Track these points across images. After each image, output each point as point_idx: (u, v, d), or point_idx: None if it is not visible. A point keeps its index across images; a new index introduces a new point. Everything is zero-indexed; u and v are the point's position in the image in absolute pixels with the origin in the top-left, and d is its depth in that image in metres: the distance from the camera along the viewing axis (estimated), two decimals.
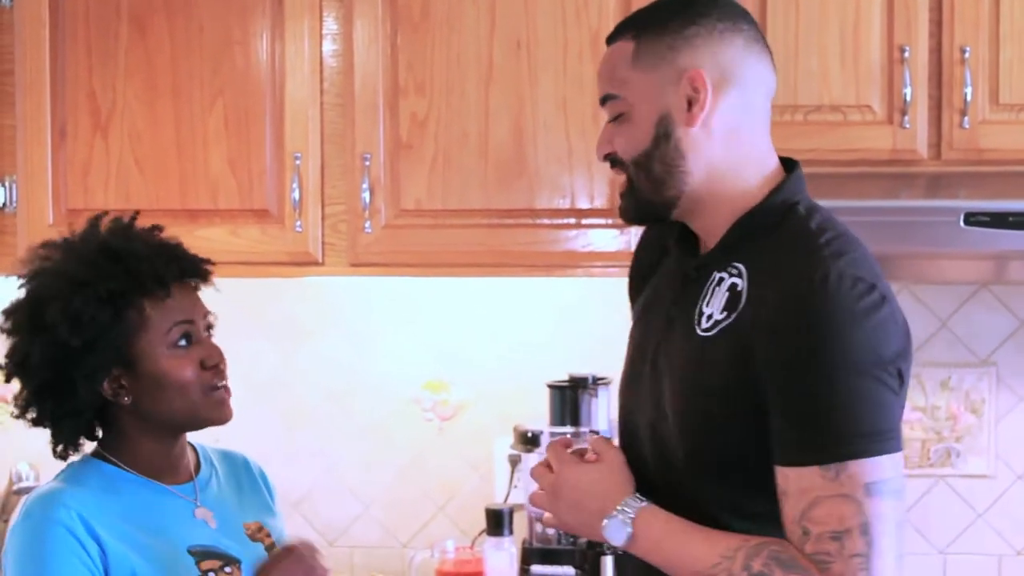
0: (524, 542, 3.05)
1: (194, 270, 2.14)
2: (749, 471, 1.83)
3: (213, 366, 2.09)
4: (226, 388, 2.11)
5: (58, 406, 2.06)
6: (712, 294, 1.89)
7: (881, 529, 1.73)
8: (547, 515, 2.01)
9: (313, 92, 2.96)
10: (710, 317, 1.87)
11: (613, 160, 1.97)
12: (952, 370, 3.26)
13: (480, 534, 3.16)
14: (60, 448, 2.11)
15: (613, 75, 1.95)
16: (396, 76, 2.94)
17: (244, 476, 2.31)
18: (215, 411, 2.10)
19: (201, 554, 2.07)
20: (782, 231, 1.88)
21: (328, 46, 2.97)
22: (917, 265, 2.86)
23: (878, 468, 1.74)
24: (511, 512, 3.06)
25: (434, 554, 3.13)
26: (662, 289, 2.04)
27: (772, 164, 1.94)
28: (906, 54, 2.81)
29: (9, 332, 2.10)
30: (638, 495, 1.91)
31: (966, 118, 2.81)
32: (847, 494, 1.73)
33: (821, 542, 1.74)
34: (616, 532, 1.89)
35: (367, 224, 2.94)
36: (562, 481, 1.96)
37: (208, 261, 2.17)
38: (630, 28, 1.94)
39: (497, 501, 3.22)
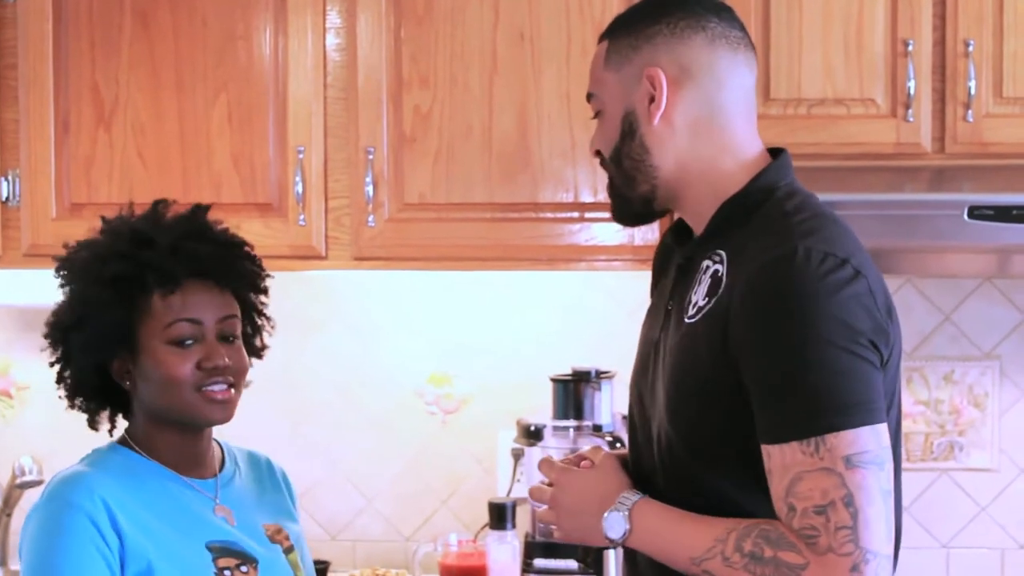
0: (527, 536, 3.05)
1: (214, 271, 2.09)
2: (744, 453, 1.83)
3: (210, 368, 2.04)
4: (224, 391, 2.05)
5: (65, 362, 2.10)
6: (699, 283, 1.92)
7: (864, 500, 1.73)
8: (556, 533, 2.04)
9: (316, 86, 2.96)
10: (695, 304, 1.90)
11: (599, 157, 2.04)
12: (955, 364, 3.26)
13: (483, 527, 3.16)
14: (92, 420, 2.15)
15: (592, 75, 2.04)
16: (400, 69, 2.94)
17: (267, 477, 2.27)
18: (205, 410, 2.05)
19: (219, 551, 2.05)
20: (760, 215, 1.91)
21: (331, 40, 2.97)
22: (921, 259, 2.86)
23: (857, 440, 1.74)
24: (514, 506, 3.07)
25: (437, 547, 3.13)
26: (665, 286, 2.07)
27: (754, 152, 1.97)
28: (910, 47, 2.80)
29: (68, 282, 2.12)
30: (634, 490, 1.93)
31: (970, 111, 2.80)
32: (828, 467, 1.74)
33: (806, 517, 1.75)
34: (614, 527, 1.91)
35: (370, 218, 2.94)
36: (560, 490, 2.00)
37: (255, 267, 2.18)
38: (607, 30, 2.02)
39: (500, 495, 3.23)
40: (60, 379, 2.12)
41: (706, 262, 1.92)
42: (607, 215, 2.90)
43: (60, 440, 2.26)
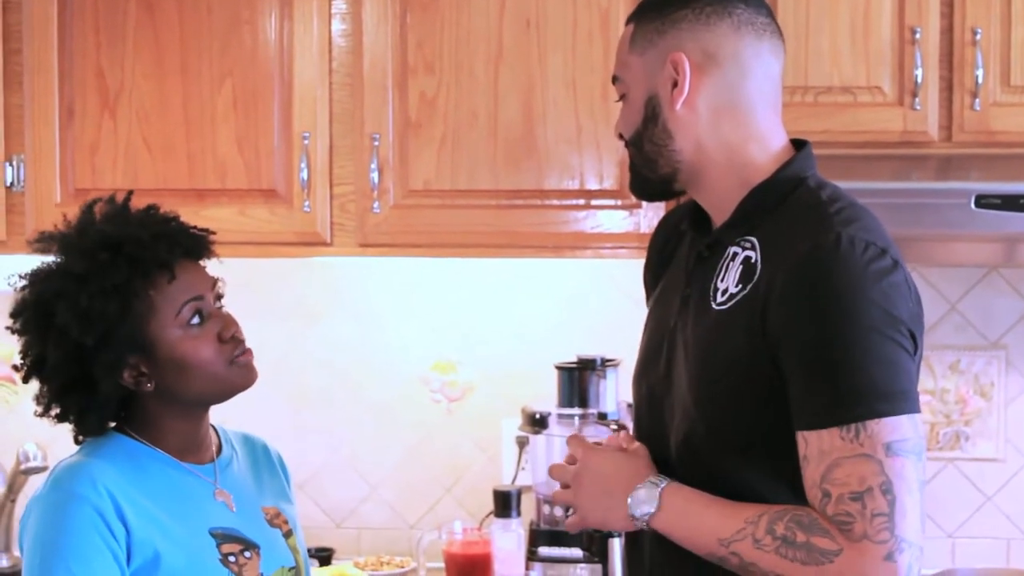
0: (532, 524, 3.04)
1: (196, 248, 2.10)
2: (773, 442, 1.83)
3: (230, 337, 2.05)
4: (247, 352, 2.08)
5: (82, 402, 2.04)
6: (726, 269, 1.91)
7: (902, 488, 1.73)
8: (571, 519, 2.03)
9: (322, 72, 2.96)
10: (725, 291, 1.89)
11: (622, 139, 2.03)
12: (961, 353, 3.25)
13: (488, 516, 3.16)
14: (83, 437, 2.09)
15: (618, 58, 2.03)
16: (405, 55, 2.93)
17: (263, 460, 2.27)
18: (241, 378, 2.07)
19: (222, 537, 2.05)
20: (793, 203, 1.90)
21: (337, 25, 2.97)
22: (927, 248, 2.85)
23: (898, 427, 1.75)
24: (519, 494, 3.06)
25: (442, 535, 3.13)
26: (677, 273, 2.06)
27: (779, 142, 1.96)
28: (917, 35, 2.79)
29: (19, 332, 2.07)
30: (662, 476, 1.93)
31: (977, 100, 2.80)
32: (867, 454, 1.74)
33: (842, 503, 1.74)
34: (643, 504, 1.90)
35: (376, 204, 2.93)
36: (584, 468, 1.99)
37: (207, 232, 2.13)
38: (634, 13, 2.01)
39: (505, 483, 3.22)
40: (71, 411, 2.06)
41: (734, 249, 1.92)
42: (613, 202, 2.92)
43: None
